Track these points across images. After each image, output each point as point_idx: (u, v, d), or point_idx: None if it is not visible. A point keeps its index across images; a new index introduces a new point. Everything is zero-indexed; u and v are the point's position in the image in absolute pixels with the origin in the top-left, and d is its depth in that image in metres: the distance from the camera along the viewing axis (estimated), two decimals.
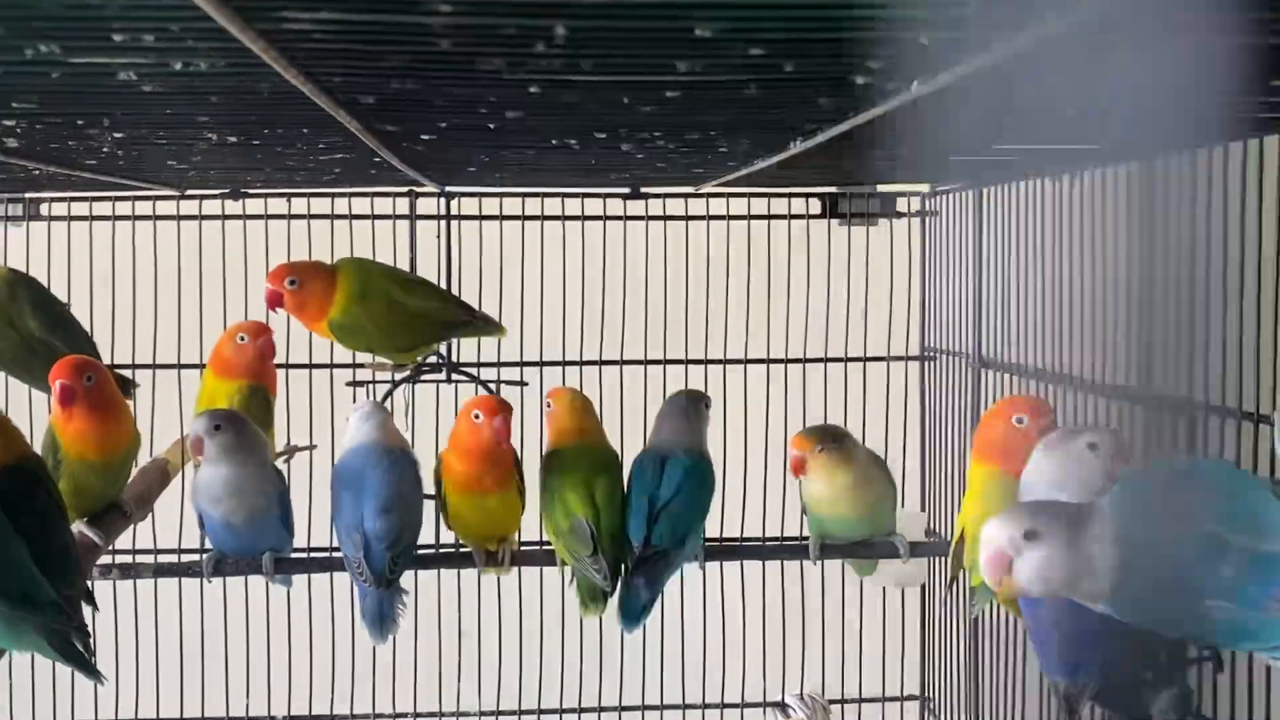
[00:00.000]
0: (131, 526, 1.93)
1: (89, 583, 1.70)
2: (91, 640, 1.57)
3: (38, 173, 1.71)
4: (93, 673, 1.56)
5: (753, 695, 2.31)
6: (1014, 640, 1.88)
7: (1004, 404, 1.64)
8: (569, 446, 1.84)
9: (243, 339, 1.95)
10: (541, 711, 2.27)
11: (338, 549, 1.85)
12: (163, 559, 2.06)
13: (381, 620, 1.76)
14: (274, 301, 1.97)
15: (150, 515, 2.01)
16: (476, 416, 1.76)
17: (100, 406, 1.80)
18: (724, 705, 2.30)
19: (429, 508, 1.87)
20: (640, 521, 1.78)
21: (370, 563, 1.72)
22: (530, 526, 1.92)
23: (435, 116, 1.14)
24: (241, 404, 1.93)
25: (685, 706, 2.29)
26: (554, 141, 1.34)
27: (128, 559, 2.03)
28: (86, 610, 1.59)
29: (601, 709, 2.26)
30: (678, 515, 1.79)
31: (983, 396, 1.98)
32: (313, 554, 2.02)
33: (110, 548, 1.84)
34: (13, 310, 1.96)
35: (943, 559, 2.08)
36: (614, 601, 1.80)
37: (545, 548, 1.93)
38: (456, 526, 1.87)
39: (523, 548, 1.95)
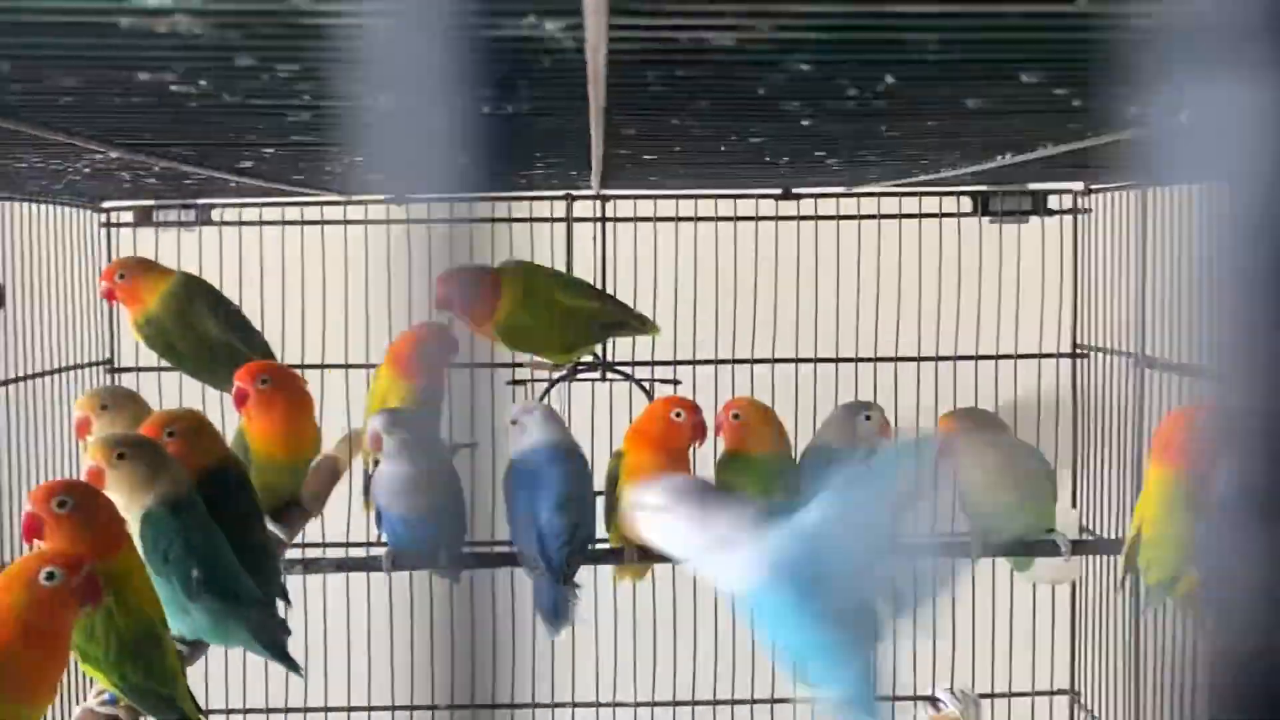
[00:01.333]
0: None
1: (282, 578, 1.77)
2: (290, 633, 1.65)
3: (206, 181, 1.78)
4: (293, 665, 1.63)
5: (903, 689, 2.32)
6: (1180, 637, 1.88)
7: (1192, 410, 1.64)
8: (751, 453, 1.87)
9: (429, 340, 2.00)
10: (695, 703, 2.31)
11: (506, 543, 1.91)
12: (331, 553, 2.13)
13: (556, 614, 1.81)
14: (445, 305, 2.02)
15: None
16: (678, 415, 1.80)
17: (285, 407, 1.87)
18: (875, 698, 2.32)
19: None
20: None
21: (547, 559, 1.77)
22: None
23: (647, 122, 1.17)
24: (415, 404, 1.98)
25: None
26: (751, 146, 1.36)
27: (295, 553, 2.10)
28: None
29: (754, 701, 2.30)
30: None
31: (1147, 396, 1.98)
32: (479, 548, 2.07)
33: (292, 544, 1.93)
34: (191, 314, 2.04)
35: (1095, 556, 2.10)
36: None
37: None
38: (621, 525, 1.91)
39: None
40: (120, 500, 1.45)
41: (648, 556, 1.92)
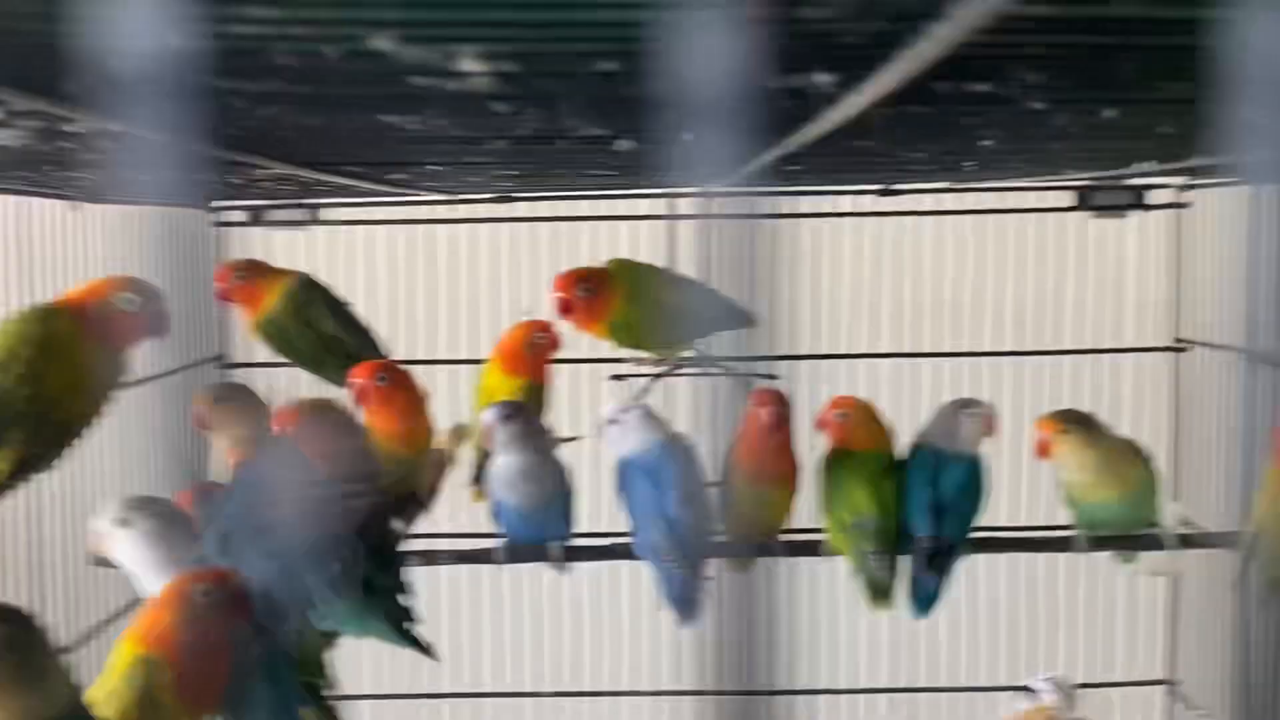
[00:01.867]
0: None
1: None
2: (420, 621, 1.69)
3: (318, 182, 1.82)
4: (428, 651, 1.67)
5: (993, 680, 2.35)
6: None
7: None
8: (857, 449, 1.89)
9: (538, 338, 2.04)
10: (806, 692, 2.33)
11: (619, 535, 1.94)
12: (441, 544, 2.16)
13: (687, 603, 1.83)
14: (565, 308, 2.05)
15: None
16: (762, 409, 1.83)
17: (403, 403, 1.92)
18: (970, 689, 2.34)
19: None
20: (924, 516, 1.84)
21: (678, 549, 1.80)
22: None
23: None
24: (524, 400, 2.02)
25: (931, 690, 2.33)
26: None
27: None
28: None
29: (860, 690, 2.32)
30: (963, 512, 1.85)
31: (1257, 391, 1.98)
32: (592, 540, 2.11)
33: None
34: (309, 312, 2.08)
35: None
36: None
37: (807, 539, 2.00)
38: (732, 518, 1.93)
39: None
40: None
41: (762, 551, 1.96)
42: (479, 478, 2.15)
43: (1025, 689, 2.25)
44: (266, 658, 1.37)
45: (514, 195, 2.21)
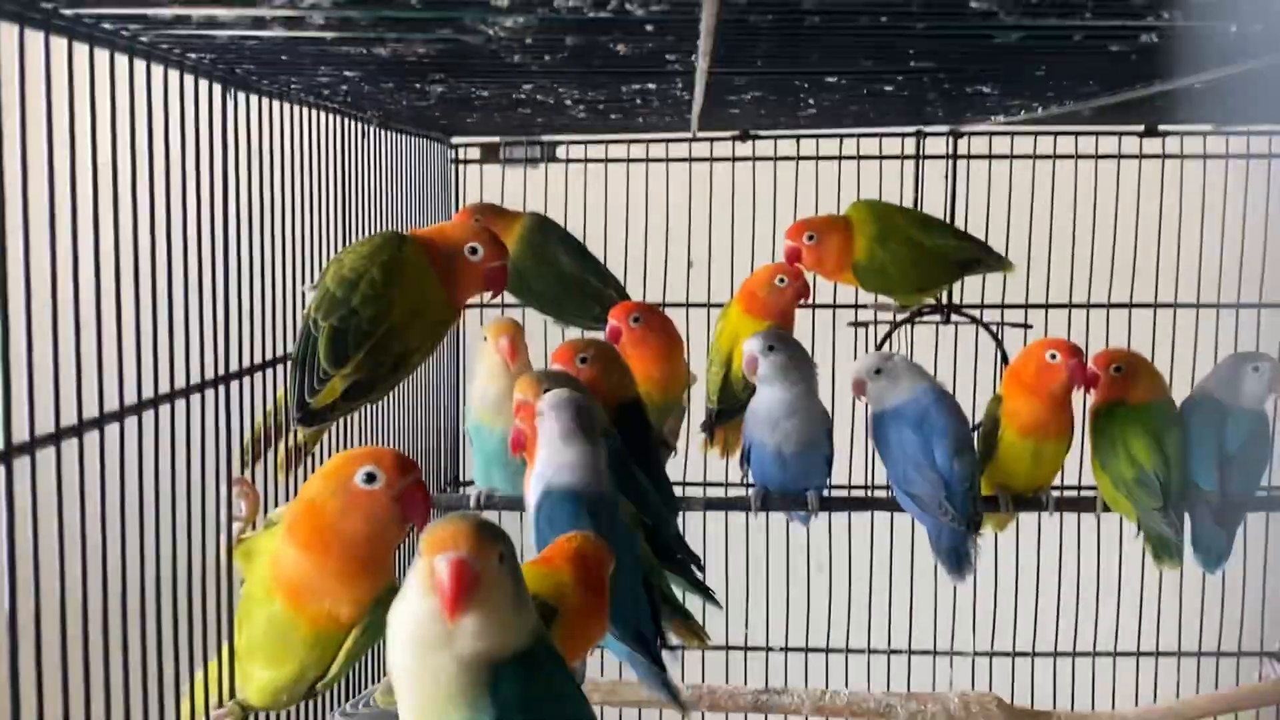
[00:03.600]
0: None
1: None
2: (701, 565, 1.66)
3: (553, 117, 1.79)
4: (711, 597, 1.66)
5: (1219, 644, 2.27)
6: None
7: None
8: (1135, 401, 1.83)
9: (782, 281, 2.00)
10: (934, 652, 2.28)
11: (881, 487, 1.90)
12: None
13: (959, 560, 1.79)
14: (793, 257, 2.02)
15: None
16: (1053, 356, 1.77)
17: (658, 345, 1.89)
18: (1201, 653, 2.27)
19: None
20: (1210, 469, 1.78)
21: (953, 502, 1.75)
22: None
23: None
24: (774, 326, 1.97)
25: (1153, 654, 2.27)
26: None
27: None
28: None
29: (1074, 654, 2.27)
30: (1250, 467, 1.80)
31: None
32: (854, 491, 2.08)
33: None
34: (546, 251, 2.06)
35: None
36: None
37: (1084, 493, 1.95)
38: (994, 472, 1.88)
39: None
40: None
41: (1021, 505, 1.91)
42: (714, 425, 2.13)
43: (1273, 655, 2.19)
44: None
45: (758, 134, 2.16)
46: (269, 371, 1.36)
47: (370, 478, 1.11)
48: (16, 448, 0.86)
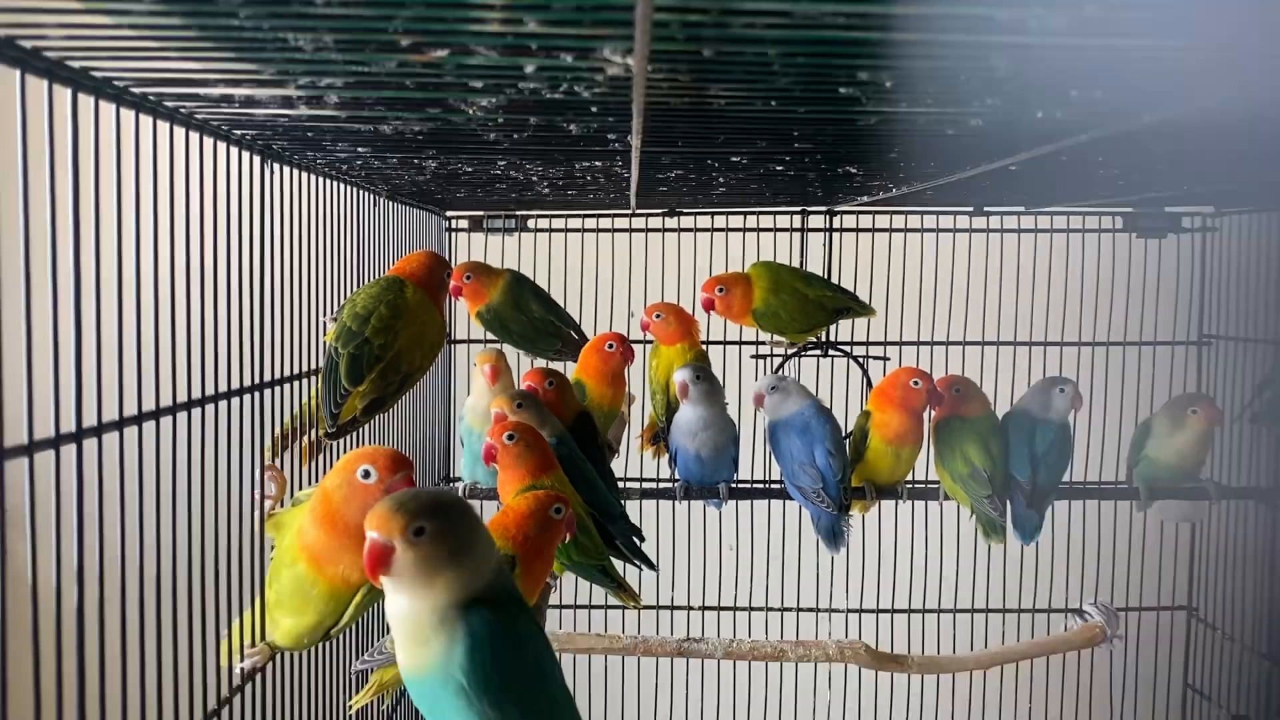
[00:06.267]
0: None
1: None
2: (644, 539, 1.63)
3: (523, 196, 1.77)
4: (650, 564, 1.63)
5: (1039, 602, 2.28)
6: None
7: None
8: (967, 415, 1.82)
9: (659, 315, 1.96)
10: (816, 609, 2.28)
11: (774, 481, 1.88)
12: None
13: (834, 537, 1.78)
14: (707, 305, 2.01)
15: None
16: (915, 383, 1.76)
17: (617, 370, 1.87)
18: (1025, 610, 2.28)
19: None
20: (1025, 465, 1.78)
21: (828, 492, 1.74)
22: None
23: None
24: (694, 358, 1.95)
25: (988, 610, 2.27)
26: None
27: None
28: None
29: (925, 611, 2.26)
30: (1055, 464, 1.79)
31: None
32: (755, 484, 2.06)
33: None
34: (521, 301, 2.03)
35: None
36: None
37: (930, 486, 1.94)
38: (863, 469, 1.87)
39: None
40: None
41: (882, 494, 1.90)
42: (657, 437, 2.10)
43: (1078, 611, 2.19)
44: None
45: (680, 210, 2.15)
46: (293, 384, 1.32)
47: (366, 474, 1.08)
48: (88, 430, 0.83)
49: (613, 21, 0.62)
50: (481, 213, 2.19)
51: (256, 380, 1.16)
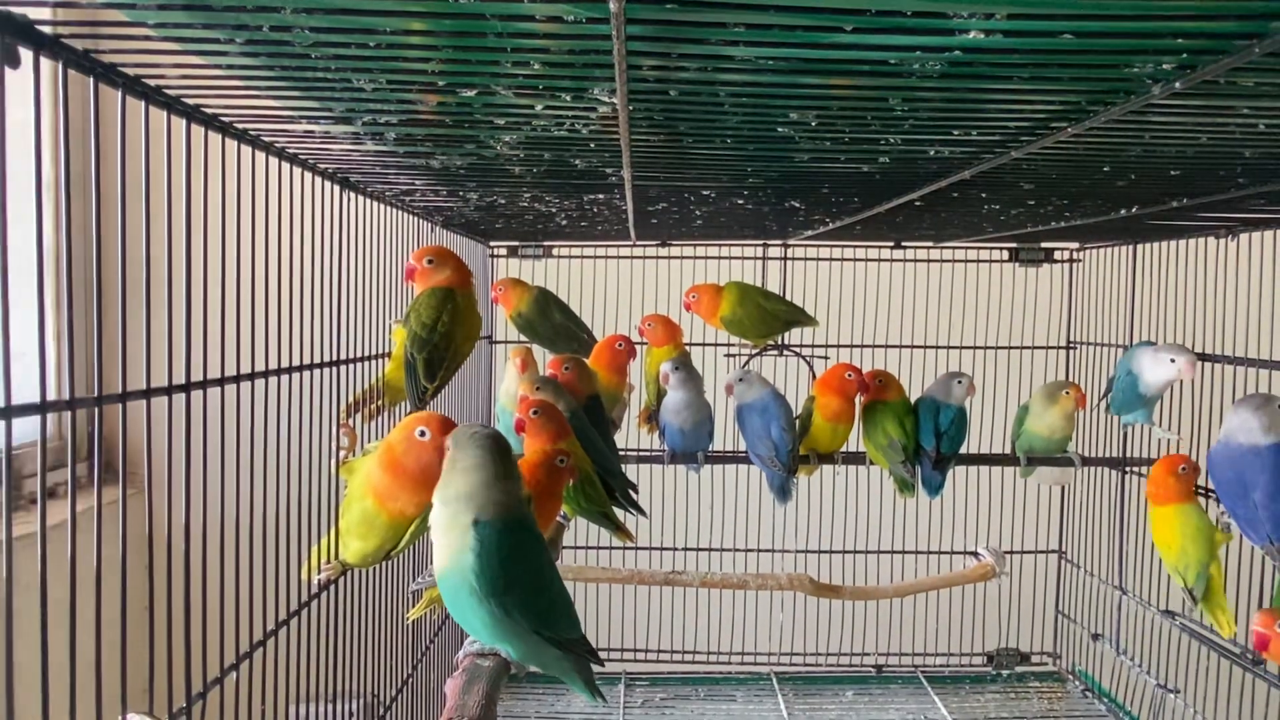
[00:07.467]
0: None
1: None
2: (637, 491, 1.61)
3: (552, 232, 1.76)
4: (642, 513, 1.60)
5: (952, 546, 2.25)
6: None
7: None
8: (888, 399, 1.81)
9: (650, 325, 1.96)
10: (771, 550, 2.25)
11: (741, 451, 1.86)
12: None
13: (784, 492, 1.76)
14: (689, 305, 2.00)
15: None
16: (849, 375, 1.75)
17: (624, 364, 1.85)
18: (933, 552, 2.25)
19: None
20: (931, 438, 1.76)
21: (780, 458, 1.72)
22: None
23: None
24: (678, 356, 1.94)
25: (905, 552, 2.24)
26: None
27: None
28: None
29: (855, 551, 2.23)
30: (954, 437, 1.77)
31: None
32: (725, 453, 2.04)
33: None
34: (547, 310, 2.02)
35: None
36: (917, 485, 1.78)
37: (859, 453, 1.92)
38: (809, 441, 1.85)
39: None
40: None
41: (823, 460, 1.88)
42: (651, 417, 2.09)
43: (972, 553, 2.17)
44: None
45: (670, 242, 2.14)
46: (364, 364, 1.31)
47: (423, 433, 1.07)
48: (213, 381, 0.82)
49: (598, 65, 0.61)
50: (517, 242, 2.18)
51: (337, 358, 1.15)
